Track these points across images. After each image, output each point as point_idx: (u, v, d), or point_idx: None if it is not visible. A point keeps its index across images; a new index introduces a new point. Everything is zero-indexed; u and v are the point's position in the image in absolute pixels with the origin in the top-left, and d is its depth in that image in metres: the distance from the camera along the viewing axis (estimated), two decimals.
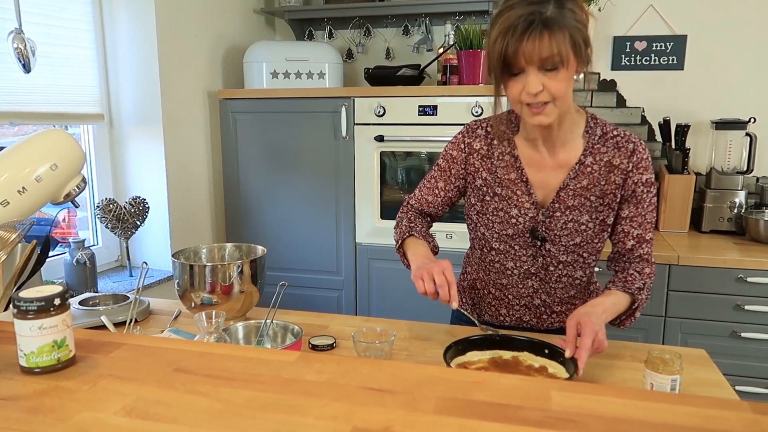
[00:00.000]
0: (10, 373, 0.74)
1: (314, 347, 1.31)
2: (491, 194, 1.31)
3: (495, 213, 1.32)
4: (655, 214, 1.29)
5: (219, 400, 0.66)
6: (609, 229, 1.30)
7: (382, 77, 2.59)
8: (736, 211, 2.46)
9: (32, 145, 1.33)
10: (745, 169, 2.48)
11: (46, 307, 0.72)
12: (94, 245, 2.41)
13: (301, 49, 2.63)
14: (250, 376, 0.72)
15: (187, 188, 2.53)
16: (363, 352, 1.25)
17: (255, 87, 2.61)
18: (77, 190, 1.40)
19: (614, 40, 2.71)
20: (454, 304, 1.17)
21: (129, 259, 2.38)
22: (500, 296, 1.41)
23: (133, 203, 2.29)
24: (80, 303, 1.51)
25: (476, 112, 2.28)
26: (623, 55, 2.72)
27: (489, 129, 1.32)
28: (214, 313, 0.99)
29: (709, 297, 2.17)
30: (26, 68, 1.86)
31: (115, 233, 2.29)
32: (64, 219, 2.57)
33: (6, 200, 1.25)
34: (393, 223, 2.46)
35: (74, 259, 2.05)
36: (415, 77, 2.57)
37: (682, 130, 2.51)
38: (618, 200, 1.26)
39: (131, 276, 2.36)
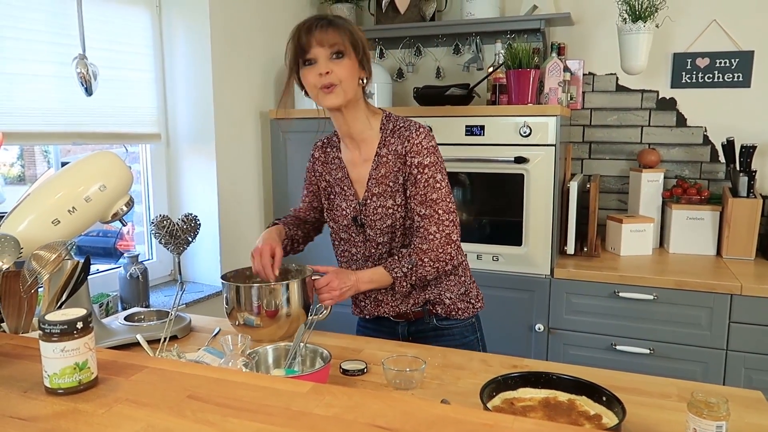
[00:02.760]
0: (36, 392, 0.77)
1: (345, 372, 1.30)
2: (333, 193, 1.55)
3: (335, 208, 1.54)
4: (439, 195, 1.41)
5: None
6: None
7: (430, 97, 2.58)
8: None
9: (82, 166, 1.39)
10: None
11: (69, 330, 0.75)
12: (148, 260, 2.51)
13: None
14: (259, 407, 0.72)
15: (237, 205, 2.59)
16: (392, 380, 1.23)
17: (305, 107, 2.65)
18: (125, 209, 1.46)
19: (674, 56, 2.60)
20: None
21: (180, 274, 2.45)
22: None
23: (186, 220, 2.36)
24: (125, 318, 1.56)
25: (524, 132, 2.24)
26: (684, 73, 2.60)
27: (327, 139, 1.58)
28: (240, 336, 1.00)
29: None
30: (88, 92, 1.97)
31: (167, 249, 2.36)
32: (128, 232, 2.69)
33: (57, 219, 1.31)
34: None
35: (128, 273, 2.13)
36: (464, 96, 2.54)
37: (748, 151, 2.37)
38: (402, 182, 1.44)
39: (183, 290, 2.43)
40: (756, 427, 1.08)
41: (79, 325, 0.76)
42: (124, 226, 1.52)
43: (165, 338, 1.22)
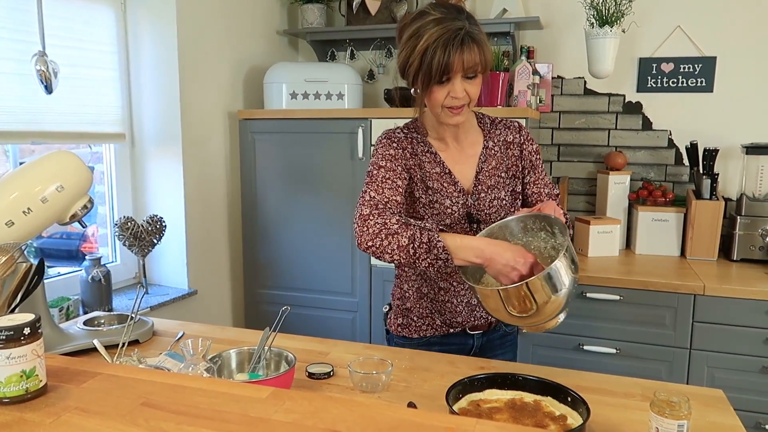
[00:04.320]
0: None
1: (311, 375, 1.28)
2: (425, 188, 1.39)
3: (431, 205, 1.40)
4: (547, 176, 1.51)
5: None
6: (519, 197, 1.47)
7: (400, 98, 2.57)
8: (767, 240, 2.35)
9: (39, 166, 1.35)
10: None
11: (15, 337, 0.72)
12: (112, 262, 2.44)
13: (321, 71, 2.64)
14: (215, 414, 0.69)
15: (204, 207, 2.54)
16: (359, 383, 1.22)
17: (274, 108, 2.62)
18: (83, 210, 1.42)
19: (640, 61, 2.65)
20: None
21: (145, 277, 2.40)
22: (444, 298, 1.45)
23: (151, 221, 2.31)
24: (85, 323, 1.51)
25: None
26: (649, 77, 2.65)
27: (406, 131, 1.42)
28: (200, 341, 0.97)
29: (738, 330, 2.06)
30: (48, 90, 1.91)
31: (132, 251, 2.31)
32: (93, 234, 2.62)
33: (11, 221, 1.27)
34: None
35: (89, 276, 2.08)
36: None
37: (711, 154, 2.42)
38: (521, 169, 1.46)
39: (147, 294, 2.38)
40: (717, 425, 1.10)
41: (26, 330, 0.72)
42: (84, 228, 1.48)
43: (123, 343, 1.18)
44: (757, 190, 2.41)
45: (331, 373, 1.29)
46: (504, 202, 1.42)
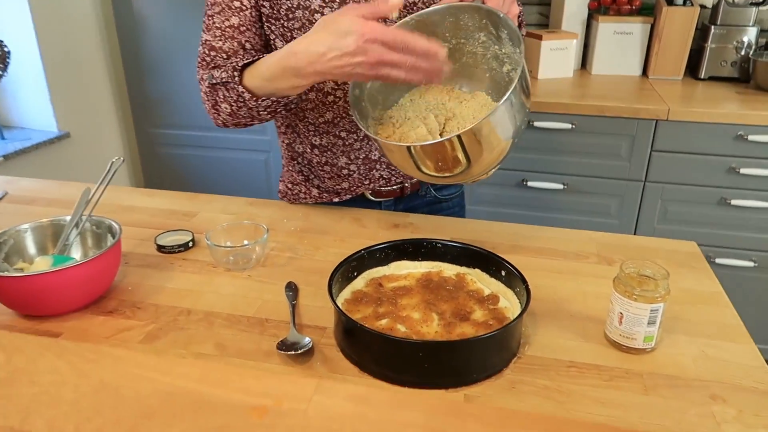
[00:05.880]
0: None
1: (161, 249, 0.93)
2: (296, 23, 0.90)
3: (289, 15, 0.90)
4: None
5: None
6: None
7: None
8: (743, 52, 2.02)
9: None
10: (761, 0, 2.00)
11: None
12: None
13: None
14: None
15: (65, 29, 1.99)
16: (222, 258, 0.89)
17: None
18: None
19: None
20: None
21: None
22: (321, 159, 1.05)
23: None
24: None
25: None
26: None
27: None
28: None
29: (700, 158, 1.81)
30: None
31: None
32: None
33: None
34: None
35: None
36: None
37: None
38: None
39: (3, 139, 1.92)
40: (693, 293, 0.83)
41: None
42: None
43: None
44: None
45: (190, 244, 0.95)
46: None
